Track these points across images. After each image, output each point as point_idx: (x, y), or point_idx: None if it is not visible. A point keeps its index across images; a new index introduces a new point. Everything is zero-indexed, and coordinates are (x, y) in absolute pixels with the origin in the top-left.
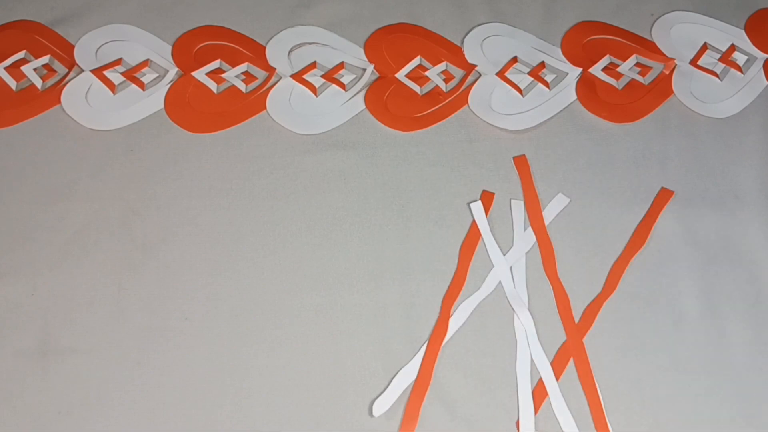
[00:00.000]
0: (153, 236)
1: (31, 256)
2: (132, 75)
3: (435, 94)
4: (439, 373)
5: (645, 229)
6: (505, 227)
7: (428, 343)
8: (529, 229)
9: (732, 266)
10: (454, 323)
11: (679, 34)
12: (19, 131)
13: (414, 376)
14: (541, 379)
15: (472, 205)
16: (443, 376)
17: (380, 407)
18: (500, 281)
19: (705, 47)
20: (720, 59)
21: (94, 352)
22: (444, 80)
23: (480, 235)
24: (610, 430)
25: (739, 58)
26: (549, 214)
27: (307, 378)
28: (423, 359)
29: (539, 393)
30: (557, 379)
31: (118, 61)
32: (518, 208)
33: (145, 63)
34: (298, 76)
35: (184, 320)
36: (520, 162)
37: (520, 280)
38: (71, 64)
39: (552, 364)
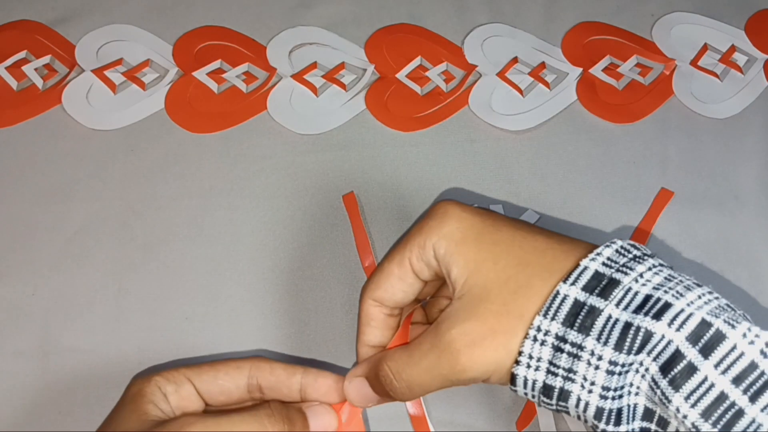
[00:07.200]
0: (153, 236)
1: (31, 256)
2: (133, 75)
3: (435, 94)
4: None
5: (645, 230)
6: None
7: None
8: None
9: (732, 266)
10: None
11: (680, 34)
12: (20, 131)
13: None
14: None
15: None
16: None
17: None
18: None
19: (705, 48)
20: (720, 60)
21: (94, 352)
22: (444, 80)
23: None
24: None
25: (740, 58)
26: None
27: None
28: None
29: None
30: None
31: (119, 61)
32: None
33: (146, 63)
34: (298, 77)
35: (185, 320)
36: (349, 200)
37: None
38: (72, 64)
39: None
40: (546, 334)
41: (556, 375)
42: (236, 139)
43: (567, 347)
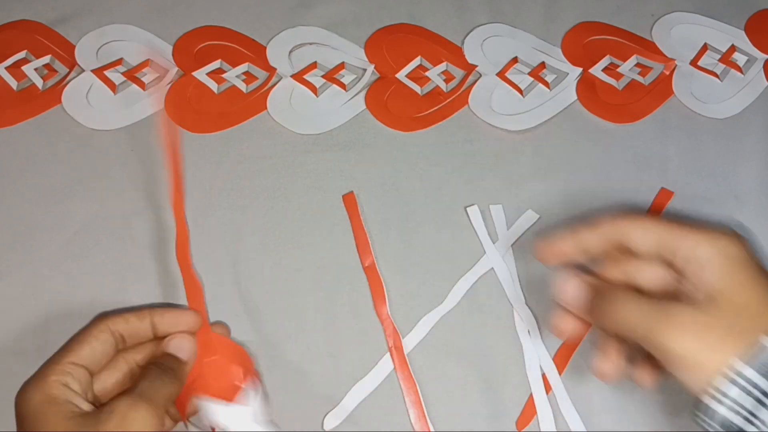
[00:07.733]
0: (153, 236)
1: (31, 256)
2: (132, 75)
3: (435, 94)
4: (439, 372)
5: None
6: (501, 229)
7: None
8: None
9: None
10: (418, 332)
11: (680, 34)
12: (20, 131)
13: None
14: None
15: (468, 209)
16: (442, 375)
17: (331, 422)
18: (501, 282)
19: (705, 48)
20: (720, 60)
21: None
22: (444, 80)
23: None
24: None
25: (740, 58)
26: (517, 230)
27: (309, 378)
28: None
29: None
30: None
31: (119, 61)
32: (498, 212)
33: (146, 63)
34: (298, 77)
35: None
36: (349, 200)
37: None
38: (72, 64)
39: (554, 361)
40: (739, 375)
41: (738, 414)
42: (236, 139)
43: (756, 392)
